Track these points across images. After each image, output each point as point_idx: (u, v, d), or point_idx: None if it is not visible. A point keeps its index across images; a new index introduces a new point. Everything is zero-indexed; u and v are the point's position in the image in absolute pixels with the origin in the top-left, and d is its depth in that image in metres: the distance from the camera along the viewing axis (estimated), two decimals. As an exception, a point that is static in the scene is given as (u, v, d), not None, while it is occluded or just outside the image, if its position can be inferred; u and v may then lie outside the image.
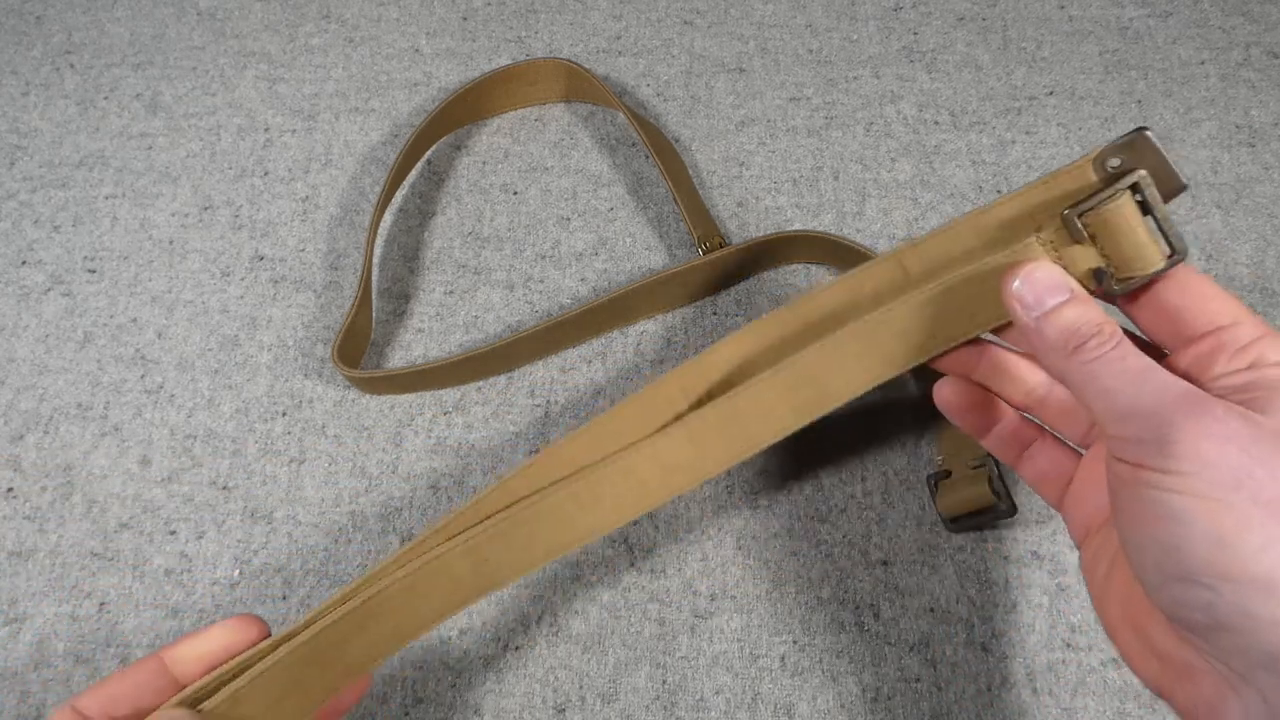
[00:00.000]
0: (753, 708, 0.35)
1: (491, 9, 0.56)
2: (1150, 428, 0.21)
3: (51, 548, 0.40)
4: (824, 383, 0.30)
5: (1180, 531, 0.20)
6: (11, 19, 0.57)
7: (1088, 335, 0.23)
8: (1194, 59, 0.52)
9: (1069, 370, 0.24)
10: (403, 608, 0.29)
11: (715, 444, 0.31)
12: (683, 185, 0.46)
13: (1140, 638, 0.23)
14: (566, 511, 0.31)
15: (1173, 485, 0.21)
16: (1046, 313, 0.24)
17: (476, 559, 0.30)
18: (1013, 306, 0.25)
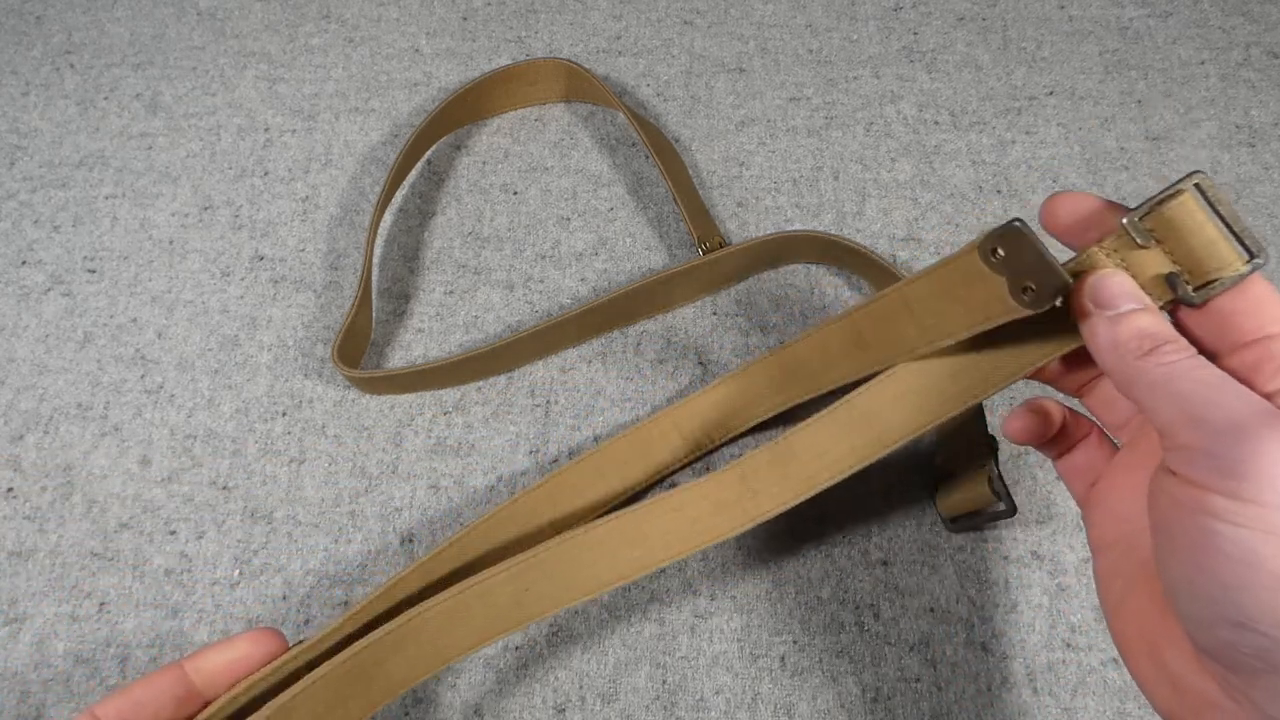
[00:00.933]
0: (753, 708, 0.35)
1: (491, 9, 0.56)
2: (1225, 441, 0.19)
3: (51, 548, 0.40)
4: (883, 421, 0.30)
5: (1245, 575, 0.18)
6: (11, 19, 0.57)
7: (1164, 340, 0.22)
8: (1194, 59, 0.52)
9: (1140, 372, 0.22)
10: (443, 630, 0.30)
11: (767, 485, 0.31)
12: (683, 185, 0.46)
13: (1156, 663, 0.22)
14: (612, 546, 0.31)
15: (1243, 518, 0.18)
16: (1121, 314, 0.23)
17: (518, 587, 0.30)
18: (1084, 305, 0.23)
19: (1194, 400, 0.20)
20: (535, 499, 0.35)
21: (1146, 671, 0.23)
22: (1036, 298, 0.23)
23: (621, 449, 0.35)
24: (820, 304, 0.44)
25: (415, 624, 0.29)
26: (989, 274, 0.24)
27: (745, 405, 0.35)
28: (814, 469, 0.31)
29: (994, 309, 0.25)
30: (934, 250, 0.45)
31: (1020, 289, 0.24)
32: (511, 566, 0.30)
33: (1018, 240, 0.23)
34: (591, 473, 0.35)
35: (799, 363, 0.34)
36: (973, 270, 0.25)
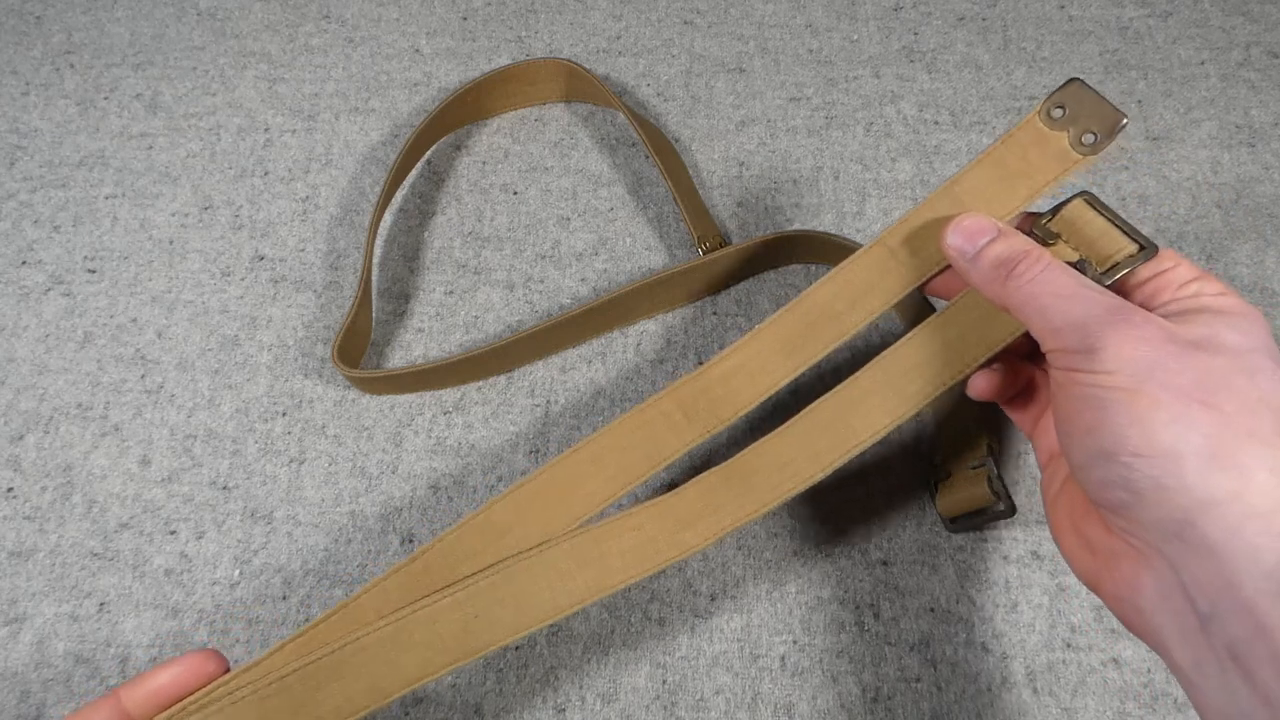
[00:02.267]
0: (753, 708, 0.35)
1: (491, 9, 0.56)
2: (1079, 338, 0.24)
3: (51, 548, 0.40)
4: (845, 426, 0.30)
5: (1101, 416, 0.23)
6: (11, 19, 0.57)
7: (1016, 260, 0.27)
8: (1194, 59, 0.52)
9: (1008, 296, 0.27)
10: (384, 658, 0.28)
11: (729, 499, 0.31)
12: (683, 185, 0.46)
13: (1079, 536, 0.26)
14: (567, 568, 0.30)
15: (1097, 381, 0.23)
16: (979, 251, 0.28)
17: (467, 613, 0.29)
18: (950, 255, 0.29)
19: (1052, 312, 0.25)
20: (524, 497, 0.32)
21: (1073, 547, 0.27)
22: (1098, 141, 0.29)
23: (621, 435, 0.32)
24: (820, 304, 0.44)
25: (354, 649, 0.28)
26: (1049, 134, 0.29)
27: (754, 376, 0.32)
28: (777, 480, 0.30)
29: (1053, 168, 0.29)
30: (934, 250, 0.45)
31: (1080, 138, 0.29)
32: (458, 590, 0.29)
33: (1079, 92, 0.29)
34: (588, 463, 0.32)
35: (816, 313, 0.32)
36: (1032, 135, 0.29)
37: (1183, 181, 0.47)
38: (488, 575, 0.29)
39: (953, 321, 0.30)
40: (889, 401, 0.30)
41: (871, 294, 0.31)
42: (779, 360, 0.32)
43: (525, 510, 0.31)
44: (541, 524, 0.31)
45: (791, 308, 0.32)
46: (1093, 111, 0.29)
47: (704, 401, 0.33)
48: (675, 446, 0.33)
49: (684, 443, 0.33)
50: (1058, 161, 0.29)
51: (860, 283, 0.32)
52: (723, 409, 0.33)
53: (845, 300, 0.32)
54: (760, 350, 0.32)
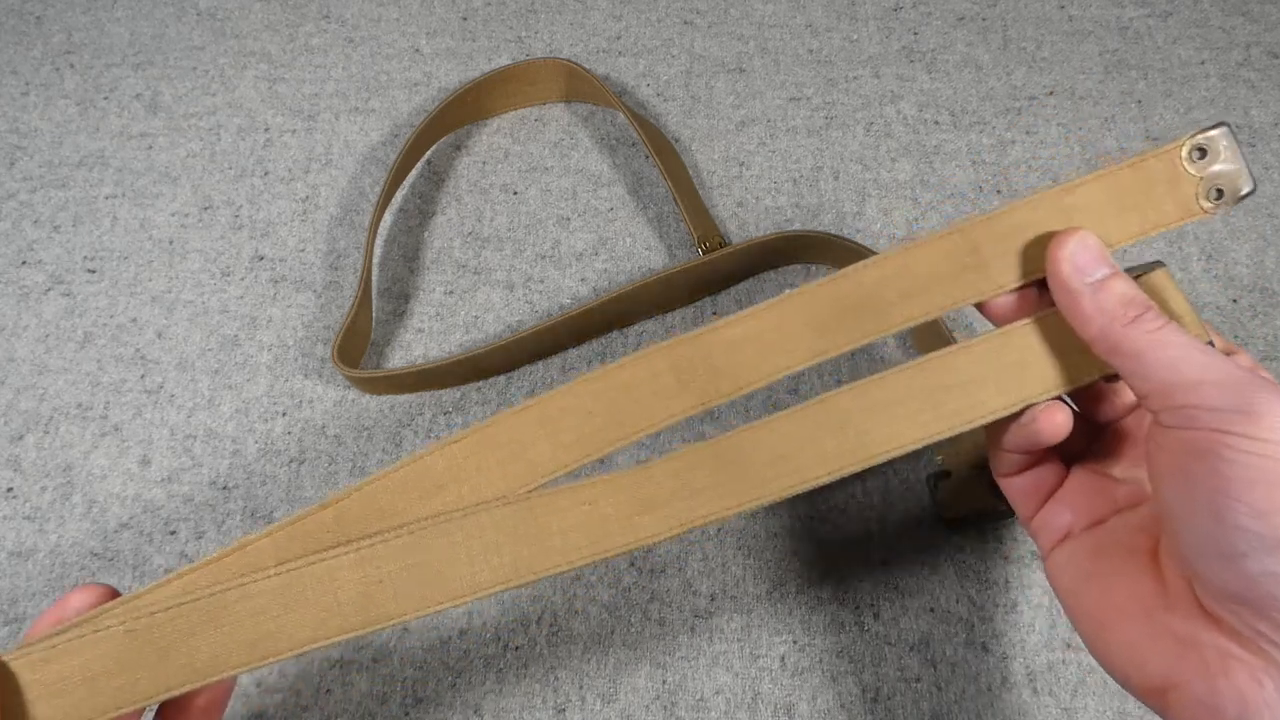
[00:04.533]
0: (753, 708, 0.35)
1: (491, 9, 0.56)
2: (1232, 395, 0.21)
3: (51, 548, 0.40)
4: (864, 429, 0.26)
5: (1272, 496, 0.20)
6: (11, 19, 0.57)
7: (1144, 306, 0.24)
8: (1194, 59, 0.52)
9: (1127, 339, 0.24)
10: (269, 613, 0.25)
11: (708, 485, 0.26)
12: (683, 185, 0.46)
13: (1151, 626, 0.23)
14: (494, 539, 0.25)
15: (1264, 451, 0.20)
16: (1099, 280, 0.24)
17: (368, 575, 0.25)
18: (1064, 271, 0.25)
19: (1188, 365, 0.22)
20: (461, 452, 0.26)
21: (1131, 642, 0.23)
22: (1224, 200, 0.26)
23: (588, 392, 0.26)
24: (820, 304, 0.44)
25: (237, 595, 0.24)
26: (1184, 174, 0.26)
27: (769, 349, 0.27)
28: (769, 475, 0.26)
29: (1174, 212, 0.26)
30: (934, 250, 0.45)
31: (1208, 190, 0.26)
32: (363, 547, 0.25)
33: (1226, 141, 0.26)
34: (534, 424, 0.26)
35: (858, 295, 0.27)
36: (1167, 170, 0.26)
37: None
38: (400, 535, 0.25)
39: (1016, 343, 0.26)
40: (921, 414, 0.26)
41: (934, 290, 0.26)
42: (803, 338, 0.27)
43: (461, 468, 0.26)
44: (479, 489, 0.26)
45: (830, 281, 0.27)
46: (1229, 167, 0.26)
47: (703, 368, 0.27)
48: (659, 416, 0.27)
49: (671, 413, 0.27)
50: (1180, 208, 0.26)
51: (924, 273, 0.26)
52: (724, 381, 0.27)
53: (898, 289, 0.27)
54: (782, 321, 0.27)
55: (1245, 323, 0.43)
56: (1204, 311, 0.43)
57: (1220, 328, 0.43)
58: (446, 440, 0.26)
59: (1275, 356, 0.42)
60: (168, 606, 0.24)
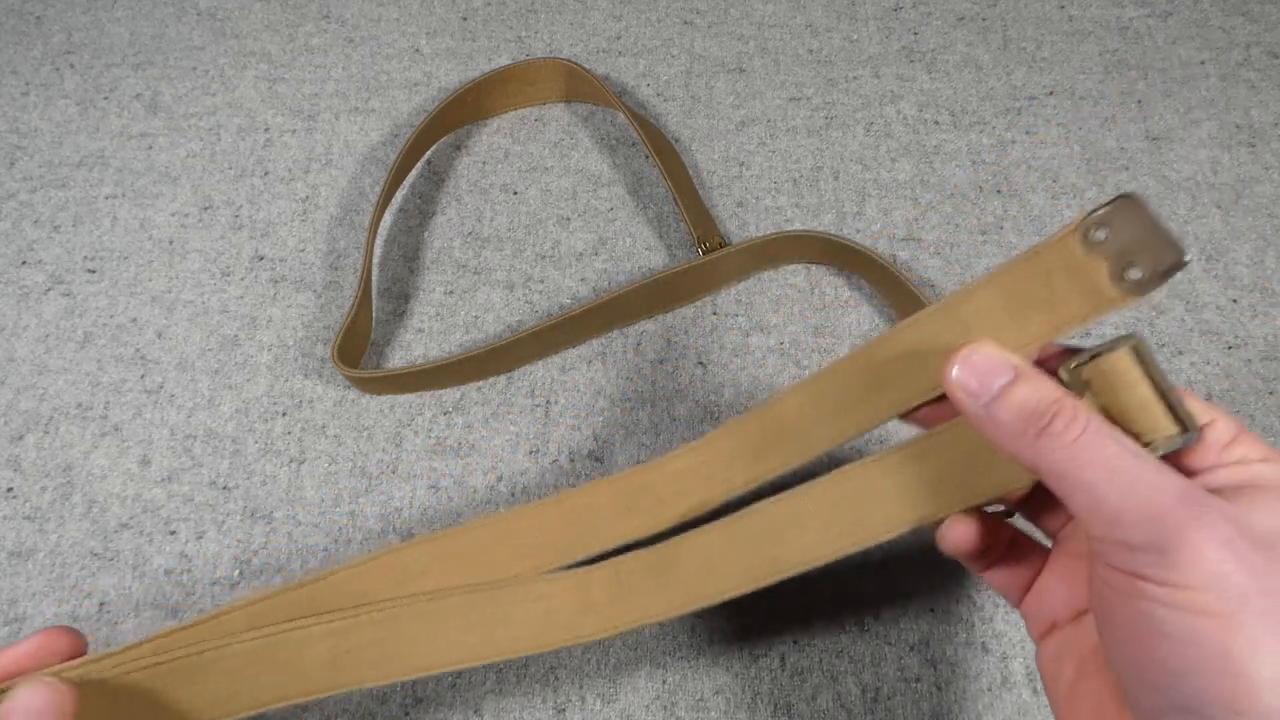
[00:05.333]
0: (753, 708, 0.35)
1: (491, 9, 0.56)
2: (1148, 533, 0.19)
3: (51, 548, 0.40)
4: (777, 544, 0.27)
5: (1189, 655, 0.18)
6: (11, 19, 0.57)
7: (1048, 414, 0.21)
8: (1194, 59, 0.52)
9: (1039, 458, 0.21)
10: (242, 674, 0.26)
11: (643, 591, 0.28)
12: (683, 185, 0.46)
13: None
14: (453, 625, 0.28)
15: (1179, 601, 0.18)
16: (995, 398, 0.22)
17: (337, 646, 0.27)
18: (957, 398, 0.23)
19: (1106, 493, 0.19)
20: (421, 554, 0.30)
21: None
22: (1144, 280, 0.22)
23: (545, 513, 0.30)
24: (820, 304, 0.44)
25: (214, 656, 0.26)
26: (1085, 260, 0.22)
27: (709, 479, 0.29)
28: (696, 583, 0.27)
29: (1081, 305, 0.23)
30: (934, 250, 0.45)
31: (1123, 271, 0.22)
32: (336, 620, 0.27)
33: (1131, 213, 0.22)
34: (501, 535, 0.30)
35: (781, 423, 0.28)
36: (1062, 259, 0.23)
37: (1183, 181, 0.47)
38: (371, 611, 0.27)
39: (932, 453, 0.25)
40: (831, 530, 0.26)
41: (844, 415, 0.27)
42: (739, 466, 0.29)
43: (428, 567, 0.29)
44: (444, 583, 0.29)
45: (756, 414, 0.29)
46: (1145, 241, 0.21)
47: (648, 498, 0.29)
48: (608, 536, 0.30)
49: (618, 535, 0.30)
50: (1087, 298, 0.22)
51: (833, 399, 0.27)
52: (668, 509, 0.29)
53: (813, 415, 0.27)
54: (719, 452, 0.29)
55: (1245, 323, 0.43)
56: (1203, 312, 0.43)
57: (1220, 328, 0.43)
58: (415, 541, 0.29)
59: (1275, 357, 0.42)
60: (146, 665, 0.25)
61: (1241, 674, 0.17)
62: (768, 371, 0.43)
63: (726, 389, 0.42)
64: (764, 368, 0.43)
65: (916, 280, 0.44)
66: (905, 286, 0.42)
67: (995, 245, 0.45)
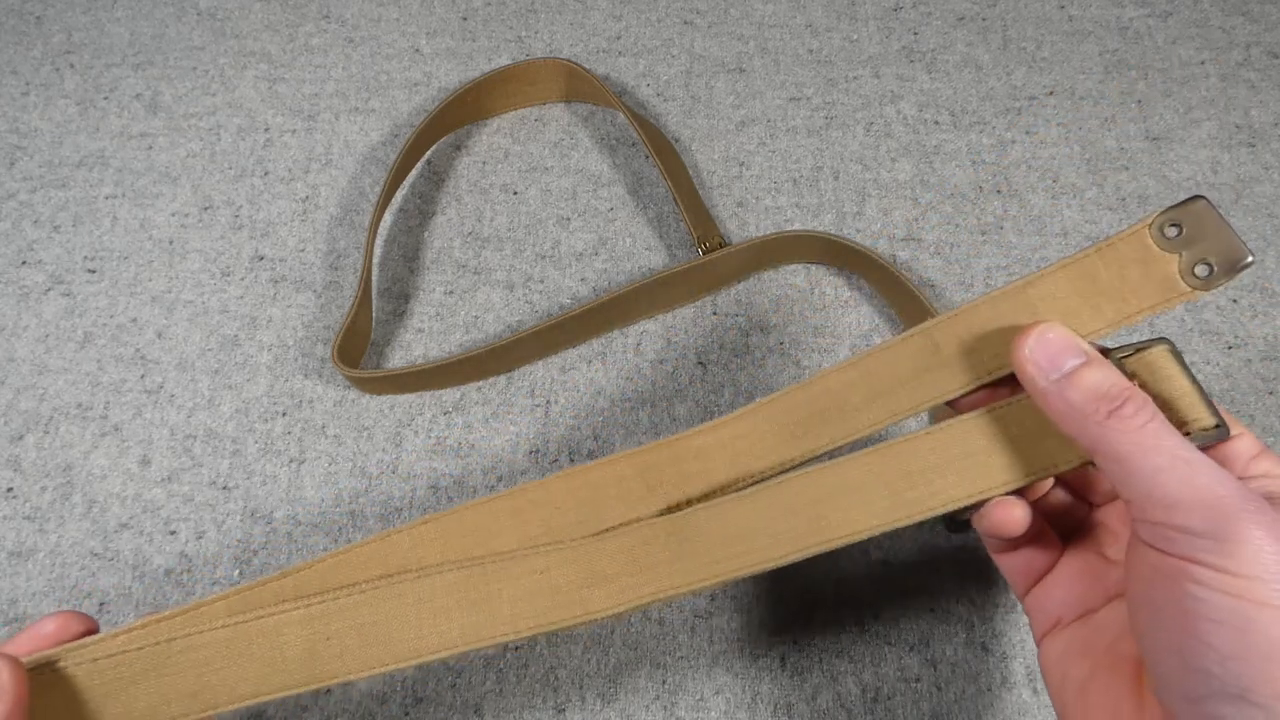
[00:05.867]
0: (753, 708, 0.35)
1: (491, 9, 0.56)
2: (1208, 520, 0.19)
3: (51, 548, 0.40)
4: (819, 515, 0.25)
5: (1241, 643, 0.18)
6: (11, 19, 0.57)
7: (1120, 399, 0.22)
8: (1194, 59, 0.52)
9: (1104, 440, 0.21)
10: (213, 665, 0.24)
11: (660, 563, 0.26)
12: (683, 185, 0.46)
13: None
14: (443, 604, 0.25)
15: (1234, 588, 0.19)
16: (1066, 375, 0.23)
17: (316, 633, 0.25)
18: (1027, 371, 0.23)
19: (1167, 479, 0.20)
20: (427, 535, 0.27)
21: None
22: (1212, 276, 0.24)
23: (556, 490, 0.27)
24: (820, 304, 0.44)
25: (182, 645, 0.24)
26: (1158, 254, 0.24)
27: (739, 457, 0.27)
28: (723, 555, 0.25)
29: (1152, 296, 0.24)
30: (934, 250, 0.45)
31: (1193, 267, 0.24)
32: (313, 604, 0.25)
33: (1202, 214, 0.24)
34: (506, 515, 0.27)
35: (825, 400, 0.27)
36: (1136, 251, 0.25)
37: (1183, 181, 0.47)
38: (350, 594, 0.25)
39: (984, 431, 0.25)
40: (878, 502, 0.25)
41: (898, 393, 0.26)
42: (773, 445, 0.27)
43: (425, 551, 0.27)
44: None
45: (798, 388, 0.27)
46: (1215, 240, 0.24)
47: (672, 474, 0.27)
48: (625, 517, 0.27)
49: (636, 515, 0.27)
50: (1159, 290, 0.24)
51: (887, 376, 0.26)
52: (694, 486, 0.27)
53: (863, 393, 0.26)
54: (752, 429, 0.27)
55: (1245, 323, 0.43)
56: (1203, 312, 0.43)
57: (1220, 328, 0.43)
58: (414, 522, 0.27)
59: (1275, 356, 0.42)
60: (111, 654, 0.24)
61: None
62: (768, 371, 0.43)
63: (726, 389, 0.42)
64: (764, 368, 0.43)
65: (916, 280, 0.44)
66: (905, 286, 0.42)
67: (995, 245, 0.45)
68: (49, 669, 0.24)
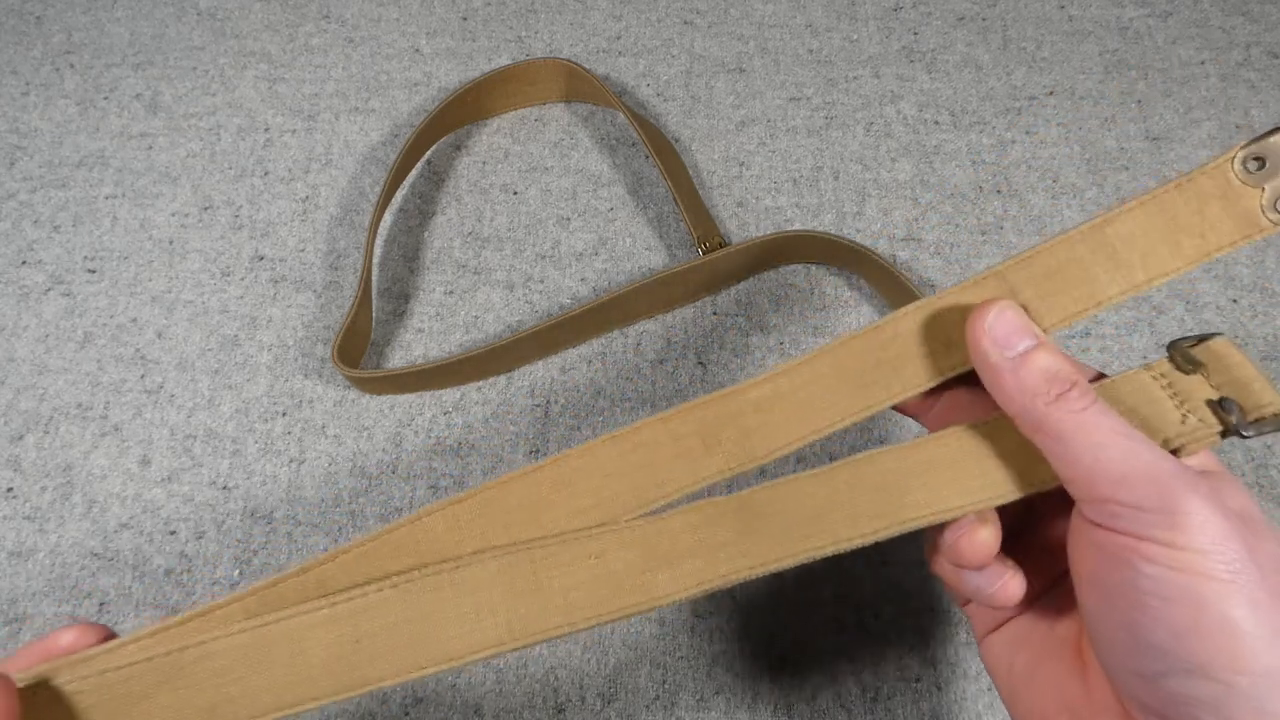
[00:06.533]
0: (753, 708, 0.35)
1: (491, 9, 0.56)
2: (1152, 494, 0.19)
3: (51, 548, 0.40)
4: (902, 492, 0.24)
5: (1190, 616, 0.18)
6: (11, 19, 0.57)
7: (1069, 382, 0.22)
8: (1194, 59, 0.52)
9: (1049, 419, 0.21)
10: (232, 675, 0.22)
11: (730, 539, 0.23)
12: (683, 185, 0.46)
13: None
14: (489, 598, 0.23)
15: (1182, 563, 0.19)
16: (1020, 355, 0.23)
17: (345, 635, 0.22)
18: (983, 345, 0.23)
19: (1113, 455, 0.20)
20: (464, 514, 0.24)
21: None
22: None
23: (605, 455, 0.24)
24: (820, 304, 0.44)
25: (197, 654, 0.22)
26: (1240, 189, 0.24)
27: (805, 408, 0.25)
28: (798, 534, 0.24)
29: (1232, 231, 0.24)
30: (934, 250, 0.45)
31: (1275, 202, 0.24)
32: (340, 603, 0.22)
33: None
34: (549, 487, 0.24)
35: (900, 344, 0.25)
36: (1218, 186, 0.24)
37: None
38: (381, 589, 0.23)
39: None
40: (968, 479, 0.23)
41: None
42: (840, 394, 0.25)
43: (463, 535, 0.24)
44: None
45: (866, 333, 0.25)
46: None
47: (731, 430, 0.25)
48: (684, 481, 0.24)
49: (696, 478, 0.25)
50: (1239, 225, 0.24)
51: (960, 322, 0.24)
52: (757, 444, 0.25)
53: (940, 338, 0.25)
54: (815, 379, 0.25)
55: (1245, 323, 0.43)
56: (1203, 311, 0.43)
57: (1220, 328, 0.43)
58: (448, 501, 0.24)
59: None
60: (119, 666, 0.22)
61: (1242, 634, 0.18)
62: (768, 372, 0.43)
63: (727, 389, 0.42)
64: (764, 368, 0.43)
65: (916, 280, 0.44)
66: (905, 286, 0.42)
67: (995, 245, 0.45)
68: (46, 686, 0.22)
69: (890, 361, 0.25)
